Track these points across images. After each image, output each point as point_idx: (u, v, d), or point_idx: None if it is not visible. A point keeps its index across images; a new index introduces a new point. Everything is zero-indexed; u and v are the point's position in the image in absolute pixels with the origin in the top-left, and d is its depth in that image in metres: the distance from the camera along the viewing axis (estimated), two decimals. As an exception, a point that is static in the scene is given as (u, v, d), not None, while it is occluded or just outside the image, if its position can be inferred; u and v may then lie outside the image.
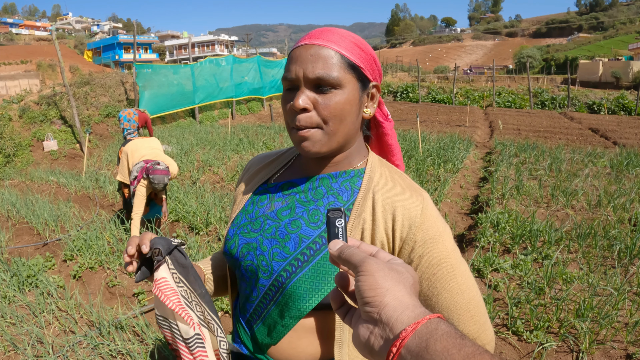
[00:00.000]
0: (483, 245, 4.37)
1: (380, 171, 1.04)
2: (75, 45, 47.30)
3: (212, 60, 17.70)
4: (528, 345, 2.88)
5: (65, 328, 3.27)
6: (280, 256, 1.01)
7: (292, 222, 1.02)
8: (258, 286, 1.05)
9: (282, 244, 1.01)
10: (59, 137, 12.61)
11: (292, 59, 0.96)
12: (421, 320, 0.53)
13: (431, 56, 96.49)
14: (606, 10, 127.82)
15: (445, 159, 8.37)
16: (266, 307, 1.04)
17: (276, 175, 1.15)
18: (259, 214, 1.08)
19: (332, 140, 0.97)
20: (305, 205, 1.04)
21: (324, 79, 0.92)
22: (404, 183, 1.02)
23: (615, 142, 12.51)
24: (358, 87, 0.97)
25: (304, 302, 0.97)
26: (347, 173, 1.05)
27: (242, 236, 1.08)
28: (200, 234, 5.13)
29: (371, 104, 1.03)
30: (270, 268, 1.02)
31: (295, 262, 0.99)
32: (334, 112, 0.94)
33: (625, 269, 3.85)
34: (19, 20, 70.80)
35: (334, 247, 0.65)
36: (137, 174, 4.54)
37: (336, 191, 1.03)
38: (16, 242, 5.27)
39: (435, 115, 19.14)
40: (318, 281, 0.97)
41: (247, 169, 1.26)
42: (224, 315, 3.43)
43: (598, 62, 44.11)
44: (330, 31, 0.98)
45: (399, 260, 0.62)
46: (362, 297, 0.57)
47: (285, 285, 0.99)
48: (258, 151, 9.84)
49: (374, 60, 1.01)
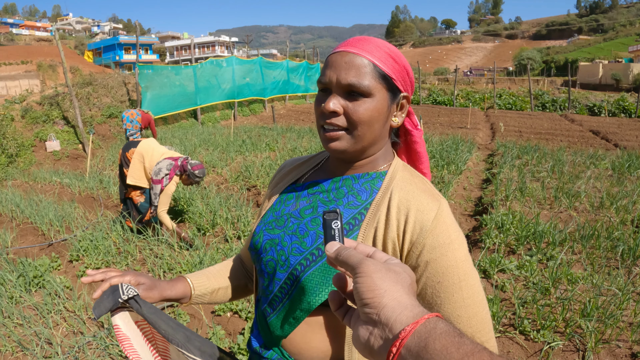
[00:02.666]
0: (488, 246, 4.39)
1: (401, 174, 1.07)
2: (76, 46, 47.35)
3: (214, 61, 17.73)
4: (535, 344, 2.91)
5: (73, 329, 3.28)
6: (298, 251, 1.04)
7: (312, 220, 1.06)
8: (275, 280, 1.08)
9: (301, 239, 1.05)
10: (61, 137, 12.63)
11: (328, 63, 1.01)
12: (420, 320, 0.53)
13: (431, 58, 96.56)
14: (606, 13, 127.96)
15: (449, 160, 8.39)
16: (281, 301, 1.07)
17: (305, 177, 1.20)
18: (284, 212, 1.13)
19: (357, 144, 1.01)
20: (326, 204, 1.07)
21: (355, 86, 0.96)
22: (423, 187, 1.03)
23: (616, 144, 12.54)
24: (387, 97, 1.01)
25: (314, 295, 1.00)
26: (370, 175, 1.07)
27: (267, 232, 1.13)
28: (206, 235, 5.15)
29: (400, 113, 1.07)
30: (287, 262, 1.05)
31: (310, 257, 1.02)
32: (362, 118, 0.98)
33: (628, 270, 3.87)
34: (19, 21, 70.89)
35: (330, 249, 0.66)
36: (167, 171, 4.52)
37: (356, 191, 1.06)
38: (21, 242, 5.28)
39: (437, 117, 19.17)
40: (329, 276, 1.00)
41: (280, 169, 1.31)
42: (234, 316, 3.45)
43: (598, 64, 44.16)
44: (367, 40, 1.02)
45: (395, 260, 0.63)
46: (361, 298, 0.58)
47: (300, 278, 1.02)
48: (261, 152, 9.87)
49: (406, 72, 1.04)
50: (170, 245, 4.58)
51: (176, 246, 4.53)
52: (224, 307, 3.45)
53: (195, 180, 4.57)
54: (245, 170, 7.92)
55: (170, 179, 4.54)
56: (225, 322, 3.36)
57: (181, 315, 3.37)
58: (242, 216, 5.34)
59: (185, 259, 4.14)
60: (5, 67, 28.06)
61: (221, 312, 3.44)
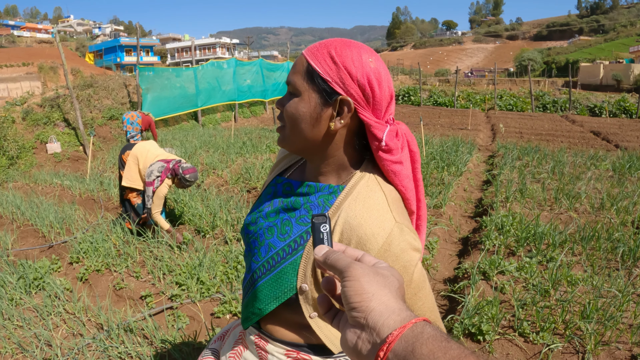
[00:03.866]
0: (488, 248, 4.39)
1: (359, 190, 0.99)
2: (77, 48, 47.48)
3: (215, 63, 17.74)
4: (534, 346, 2.90)
5: (73, 331, 3.29)
6: (256, 259, 1.10)
7: (269, 229, 1.10)
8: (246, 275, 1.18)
9: (259, 248, 1.10)
10: (62, 139, 12.65)
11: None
12: (407, 324, 0.54)
13: (432, 59, 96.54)
14: (607, 13, 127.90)
15: (449, 162, 8.39)
16: (246, 294, 1.15)
17: (289, 169, 1.22)
18: (260, 208, 1.17)
19: (289, 141, 1.04)
20: (285, 212, 1.09)
21: (290, 85, 1.01)
22: (377, 208, 0.96)
23: (617, 145, 12.53)
24: (317, 98, 0.96)
25: (264, 304, 1.07)
26: (330, 187, 1.04)
27: (247, 228, 1.19)
28: (206, 237, 5.16)
29: (337, 119, 0.97)
30: (250, 266, 1.14)
31: (262, 268, 1.08)
32: (288, 115, 1.01)
33: (628, 271, 3.87)
34: (20, 23, 71.06)
35: (319, 253, 0.66)
36: (159, 173, 4.55)
37: (310, 205, 1.05)
38: (21, 244, 5.29)
39: (437, 118, 19.17)
40: (277, 289, 1.04)
41: (279, 153, 1.33)
42: (233, 318, 3.45)
43: (599, 65, 44.17)
44: (325, 43, 0.98)
45: (384, 264, 0.63)
46: (349, 302, 0.58)
47: (255, 284, 1.09)
48: (262, 154, 9.87)
49: (348, 73, 0.94)
50: (170, 247, 4.59)
51: (176, 248, 4.53)
52: (223, 310, 3.45)
53: (186, 184, 4.57)
54: (246, 172, 7.92)
55: (162, 181, 4.57)
56: (224, 324, 3.36)
57: (180, 317, 3.37)
58: (242, 218, 5.34)
59: (185, 261, 4.15)
60: (6, 69, 28.13)
61: (220, 314, 3.44)
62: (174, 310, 3.51)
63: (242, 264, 4.09)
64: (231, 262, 4.15)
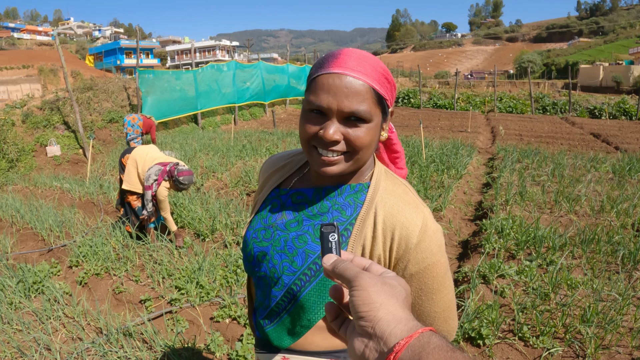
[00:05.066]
0: (488, 251, 4.38)
1: (384, 185, 1.08)
2: (77, 50, 47.52)
3: (215, 65, 17.73)
4: (534, 350, 2.90)
5: (72, 335, 3.28)
6: (290, 270, 1.07)
7: (299, 237, 1.08)
8: (271, 296, 1.12)
9: (291, 258, 1.07)
10: (62, 142, 12.64)
11: (323, 86, 0.95)
12: (414, 334, 0.55)
13: (432, 61, 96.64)
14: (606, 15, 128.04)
15: (449, 165, 8.39)
16: (279, 315, 1.11)
17: (288, 181, 1.21)
18: (271, 222, 1.14)
19: (353, 166, 1.03)
20: (312, 219, 1.09)
21: (357, 114, 0.94)
22: (406, 198, 1.06)
23: (617, 147, 12.53)
24: (381, 117, 1.02)
25: (313, 313, 1.06)
26: (352, 187, 1.09)
27: (256, 245, 1.15)
28: (206, 241, 5.15)
29: (386, 127, 1.08)
30: (281, 281, 1.09)
31: (303, 277, 1.05)
32: (363, 144, 0.98)
33: (629, 274, 3.86)
34: (20, 25, 71.01)
35: (327, 262, 0.67)
36: (155, 177, 4.59)
37: (340, 206, 1.08)
38: (21, 247, 5.29)
39: (437, 120, 19.17)
40: (324, 293, 1.05)
41: (262, 171, 1.33)
42: (232, 322, 3.45)
43: (599, 67, 44.19)
44: (362, 59, 0.97)
45: (391, 274, 0.64)
46: (357, 311, 0.59)
47: (297, 297, 1.06)
48: (262, 157, 9.87)
49: (394, 89, 1.05)
50: (170, 251, 4.58)
51: (175, 252, 4.53)
52: (222, 314, 3.45)
53: (180, 187, 4.59)
54: (245, 175, 7.92)
55: (159, 184, 4.59)
56: (224, 329, 3.35)
57: (180, 322, 3.37)
58: (242, 222, 5.34)
59: (184, 265, 4.14)
60: (6, 72, 28.13)
61: (220, 319, 3.43)
62: (174, 314, 3.51)
63: (241, 268, 4.09)
64: (231, 266, 4.15)
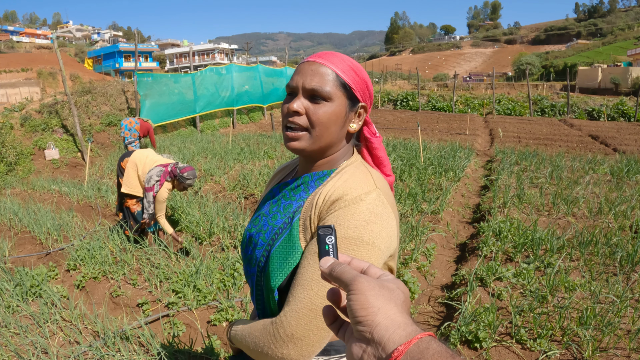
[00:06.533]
0: (485, 254, 4.38)
1: (347, 169, 1.16)
2: (76, 54, 47.54)
3: (213, 68, 17.75)
4: (532, 353, 2.89)
5: (69, 338, 3.27)
6: (260, 245, 1.18)
7: (272, 216, 1.20)
8: (250, 274, 1.24)
9: (264, 234, 1.19)
10: (60, 145, 12.64)
11: (296, 70, 1.14)
12: (412, 340, 0.53)
13: (430, 64, 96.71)
14: (604, 17, 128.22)
15: (447, 167, 8.39)
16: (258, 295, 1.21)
17: (284, 179, 1.34)
18: (260, 211, 1.28)
19: (315, 144, 1.12)
20: (284, 199, 1.21)
21: (318, 91, 1.09)
22: (361, 177, 1.12)
23: (615, 149, 12.55)
24: (346, 104, 1.13)
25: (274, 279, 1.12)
26: (323, 172, 1.18)
27: (247, 231, 1.28)
28: (203, 244, 5.15)
29: (357, 120, 1.18)
30: (255, 258, 1.20)
31: (268, 247, 1.16)
32: (321, 119, 1.10)
33: (627, 277, 3.86)
34: (19, 28, 71.01)
35: (324, 265, 0.65)
36: (157, 178, 4.57)
37: (308, 187, 1.18)
38: (18, 251, 5.28)
39: (436, 123, 19.19)
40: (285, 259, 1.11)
41: (271, 177, 1.46)
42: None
43: (597, 69, 44.26)
44: (333, 54, 1.16)
45: (390, 276, 0.63)
46: (354, 316, 0.58)
47: (265, 268, 1.16)
48: (260, 160, 9.87)
49: (365, 85, 1.17)
50: (167, 254, 4.58)
51: (173, 256, 4.52)
52: (219, 317, 3.44)
53: (186, 183, 4.59)
54: (243, 178, 7.92)
55: (161, 185, 4.57)
56: (221, 332, 3.35)
57: (177, 325, 3.36)
58: (239, 225, 5.33)
59: (181, 269, 4.14)
60: (5, 75, 28.15)
61: (217, 322, 3.43)
62: (171, 318, 3.50)
63: (238, 272, 4.08)
64: (228, 269, 4.14)
